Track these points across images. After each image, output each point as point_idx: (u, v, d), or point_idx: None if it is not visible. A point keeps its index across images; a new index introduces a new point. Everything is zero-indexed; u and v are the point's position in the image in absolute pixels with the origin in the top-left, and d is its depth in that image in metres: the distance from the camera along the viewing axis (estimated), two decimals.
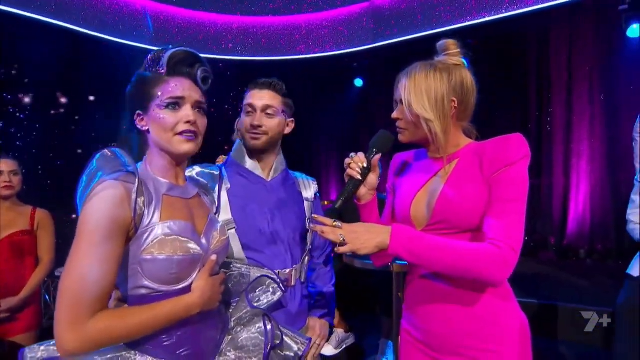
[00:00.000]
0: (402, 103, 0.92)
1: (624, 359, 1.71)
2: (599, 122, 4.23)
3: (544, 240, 4.57)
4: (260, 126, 1.15)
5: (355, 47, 4.94)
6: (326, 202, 3.55)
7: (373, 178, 0.97)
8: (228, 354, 0.90)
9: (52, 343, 0.79)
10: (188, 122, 0.82)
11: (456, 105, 0.91)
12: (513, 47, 4.55)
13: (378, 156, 0.96)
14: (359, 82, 5.33)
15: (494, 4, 4.10)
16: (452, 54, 0.93)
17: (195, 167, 1.13)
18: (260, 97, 1.17)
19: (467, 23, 4.14)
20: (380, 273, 2.34)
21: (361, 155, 0.95)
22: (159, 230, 0.77)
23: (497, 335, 0.87)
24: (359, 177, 0.94)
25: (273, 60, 5.06)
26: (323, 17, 4.99)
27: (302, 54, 5.08)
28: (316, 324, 1.26)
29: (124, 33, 4.30)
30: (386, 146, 0.97)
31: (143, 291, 0.77)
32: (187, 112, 0.82)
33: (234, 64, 4.97)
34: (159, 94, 0.81)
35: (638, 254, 1.93)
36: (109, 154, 0.80)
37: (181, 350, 0.81)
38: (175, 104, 0.81)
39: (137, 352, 0.79)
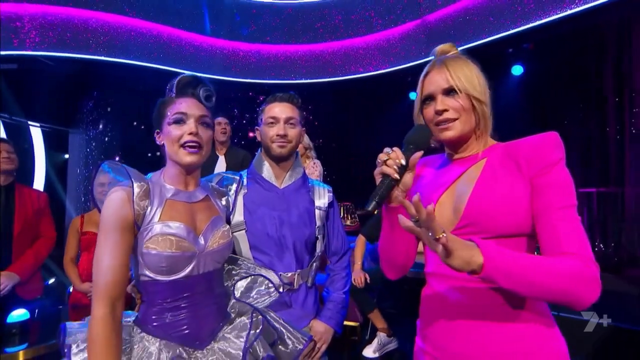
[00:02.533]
0: (444, 93, 0.81)
1: None
2: None
3: (632, 255, 3.80)
4: (285, 135, 1.20)
5: (410, 62, 4.82)
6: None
7: (409, 178, 0.79)
8: (222, 340, 0.93)
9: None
10: (191, 133, 0.89)
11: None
12: (583, 46, 3.96)
13: (419, 154, 0.79)
14: (414, 95, 5.19)
15: (557, 3, 3.63)
16: (456, 54, 0.86)
17: (221, 173, 1.21)
18: (283, 110, 1.22)
19: (522, 27, 3.74)
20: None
21: (398, 151, 0.78)
22: (156, 229, 0.85)
23: (535, 358, 0.73)
24: (396, 175, 0.76)
25: (332, 81, 5.22)
26: (378, 37, 5.00)
27: (359, 73, 5.13)
28: (318, 328, 1.21)
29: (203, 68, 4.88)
30: (425, 142, 0.82)
31: (145, 278, 0.87)
32: (190, 125, 0.89)
33: (304, 86, 5.25)
34: (169, 112, 0.91)
35: None
36: (114, 165, 0.91)
37: (174, 331, 0.88)
38: (180, 119, 0.89)
39: (136, 326, 0.89)
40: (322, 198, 1.28)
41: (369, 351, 2.56)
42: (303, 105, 1.29)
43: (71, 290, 2.23)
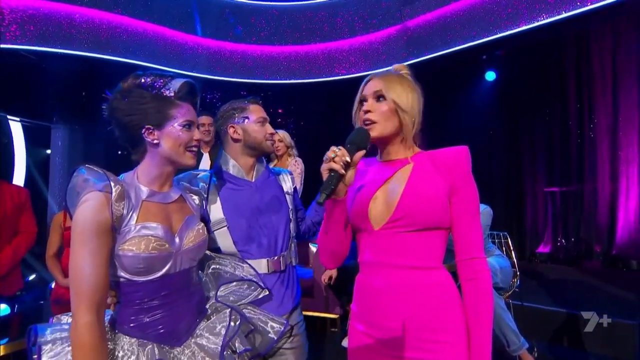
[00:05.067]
0: (374, 98, 0.91)
1: None
2: None
3: (589, 248, 4.02)
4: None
5: (391, 65, 4.88)
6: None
7: (351, 174, 0.89)
8: (199, 337, 0.92)
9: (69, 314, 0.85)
10: (197, 140, 0.93)
11: (422, 109, 0.93)
12: (548, 55, 4.14)
13: (362, 152, 0.88)
14: None
15: (526, 15, 3.77)
16: (406, 74, 0.96)
17: (192, 172, 1.18)
18: (263, 110, 1.28)
19: (495, 36, 3.86)
20: None
21: (344, 149, 0.87)
22: (133, 230, 0.82)
23: (449, 327, 0.86)
24: (343, 171, 0.85)
25: (315, 82, 5.23)
26: (361, 40, 5.04)
27: (342, 75, 5.17)
28: None
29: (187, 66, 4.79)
30: (364, 142, 0.90)
31: (121, 279, 0.84)
32: (196, 132, 0.93)
33: (288, 86, 5.24)
34: (177, 115, 0.89)
35: None
36: (91, 169, 0.84)
37: (152, 330, 0.86)
38: (189, 125, 0.91)
39: (113, 329, 0.86)
40: (287, 183, 1.34)
41: (347, 342, 2.60)
42: (287, 105, 1.33)
43: (53, 286, 2.17)
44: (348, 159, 0.85)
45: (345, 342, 2.60)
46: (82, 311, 0.74)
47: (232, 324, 0.94)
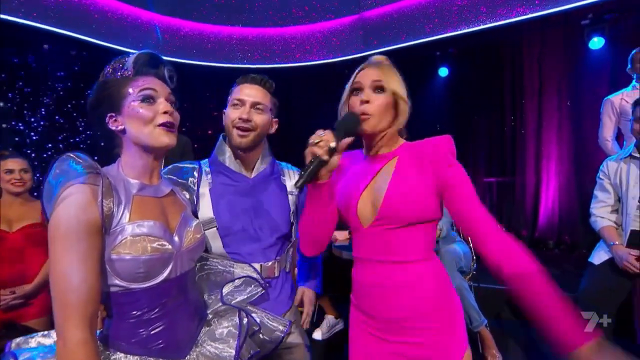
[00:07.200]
0: (372, 89, 0.88)
1: None
2: (566, 127, 4.28)
3: (517, 233, 4.62)
4: (249, 120, 1.05)
5: (347, 56, 4.94)
6: None
7: (335, 160, 0.85)
8: (204, 344, 0.86)
9: (38, 334, 0.76)
10: (165, 112, 0.78)
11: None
12: (491, 57, 4.58)
13: (349, 139, 0.85)
14: None
15: (472, 17, 4.12)
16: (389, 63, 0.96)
17: (176, 164, 1.06)
18: (251, 93, 1.07)
19: (448, 34, 4.15)
20: None
21: (330, 134, 0.82)
22: (127, 230, 0.72)
23: (434, 315, 0.88)
24: (326, 157, 0.81)
25: (271, 67, 5.05)
26: (316, 28, 4.98)
27: (297, 62, 5.07)
28: (304, 293, 1.25)
29: (132, 43, 4.25)
30: (354, 128, 0.86)
31: (115, 288, 0.73)
32: (163, 103, 0.79)
33: (236, 70, 4.95)
34: (131, 90, 0.77)
35: (598, 244, 1.97)
36: (73, 157, 0.71)
37: (154, 344, 0.76)
38: (149, 97, 0.77)
39: (110, 349, 0.75)
40: (292, 181, 1.19)
41: (318, 334, 2.60)
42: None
43: None
44: (333, 144, 0.81)
45: (316, 335, 2.60)
46: (72, 328, 0.63)
47: (243, 329, 0.88)
